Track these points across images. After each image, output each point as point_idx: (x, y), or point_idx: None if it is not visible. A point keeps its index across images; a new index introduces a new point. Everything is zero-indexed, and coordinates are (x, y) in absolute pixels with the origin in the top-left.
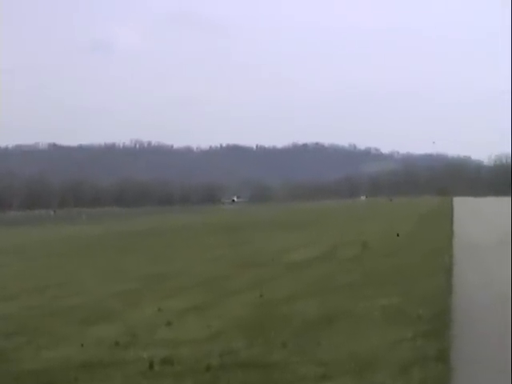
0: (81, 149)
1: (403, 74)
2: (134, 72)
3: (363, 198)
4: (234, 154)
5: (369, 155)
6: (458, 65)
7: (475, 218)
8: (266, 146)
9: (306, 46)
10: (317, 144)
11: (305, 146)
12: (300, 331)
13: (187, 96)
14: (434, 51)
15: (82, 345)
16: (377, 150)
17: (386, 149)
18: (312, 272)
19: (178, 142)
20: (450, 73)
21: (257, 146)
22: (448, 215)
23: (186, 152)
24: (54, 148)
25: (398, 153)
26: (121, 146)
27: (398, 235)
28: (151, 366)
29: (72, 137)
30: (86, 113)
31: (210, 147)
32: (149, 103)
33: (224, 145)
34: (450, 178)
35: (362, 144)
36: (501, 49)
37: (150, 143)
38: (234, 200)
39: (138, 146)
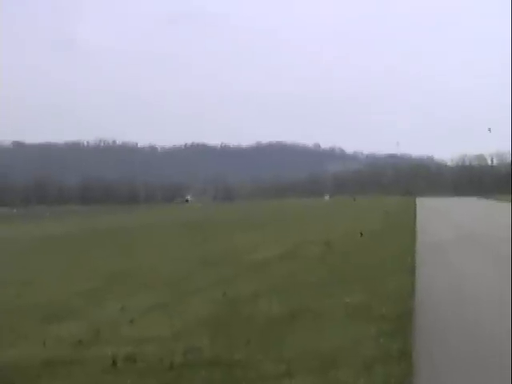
0: (45, 147)
1: (367, 75)
2: (97, 71)
3: (327, 197)
4: (199, 152)
5: (333, 155)
6: (422, 64)
7: (438, 217)
8: (231, 145)
9: (271, 46)
10: (281, 143)
11: (269, 145)
12: (263, 329)
13: (150, 94)
14: (401, 50)
15: (44, 343)
16: (341, 149)
17: (350, 149)
18: (275, 271)
19: (142, 140)
20: (414, 72)
21: (221, 145)
22: (411, 215)
23: (150, 151)
24: (18, 146)
25: (361, 153)
26: (85, 144)
27: (361, 235)
28: (114, 363)
29: (36, 135)
30: (50, 111)
31: (174, 146)
32: (112, 102)
33: (188, 144)
34: (414, 178)
35: (326, 144)
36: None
37: (114, 142)
38: (187, 200)
39: (102, 144)
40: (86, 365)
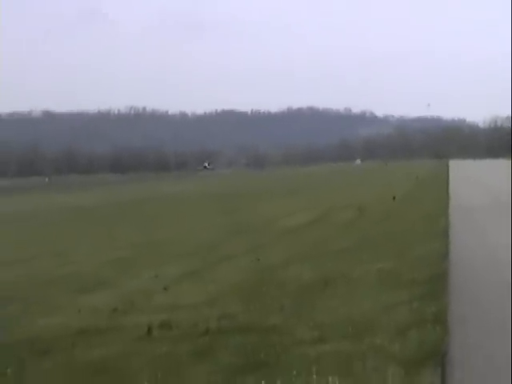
0: (75, 116)
1: (397, 37)
2: (128, 39)
3: (358, 161)
4: (229, 119)
5: (364, 119)
6: (455, 26)
7: (471, 180)
8: (261, 110)
9: (299, 9)
10: (311, 108)
11: (299, 110)
12: (297, 295)
13: (182, 62)
14: (430, 12)
15: (80, 311)
16: (372, 113)
17: (380, 112)
18: (308, 237)
19: (172, 107)
20: (446, 35)
21: (251, 111)
22: (444, 178)
23: (181, 117)
24: (48, 115)
25: (392, 116)
26: (116, 112)
27: (394, 199)
28: (149, 330)
29: (66, 104)
30: (80, 79)
31: (205, 112)
32: (144, 69)
33: (219, 110)
34: (446, 141)
35: (357, 108)
36: (499, 13)
37: (144, 109)
38: (205, 166)
39: (133, 112)
40: (121, 333)
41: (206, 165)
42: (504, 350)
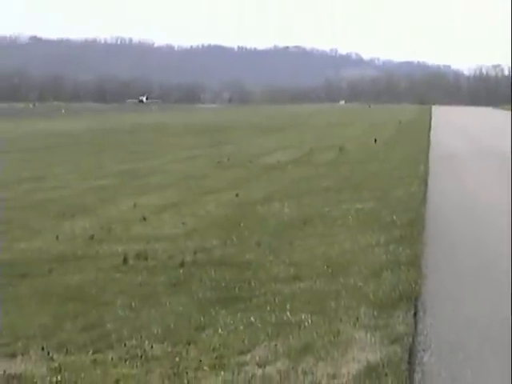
0: (62, 43)
1: None
2: None
3: (342, 102)
4: (215, 53)
5: (349, 61)
6: None
7: (453, 126)
8: (248, 47)
9: None
10: (298, 47)
11: (286, 48)
12: (275, 232)
13: None
14: None
15: (57, 238)
16: (358, 55)
17: (366, 55)
18: (289, 175)
19: (159, 39)
20: None
21: (238, 47)
22: (426, 123)
23: (167, 50)
24: (35, 41)
25: (378, 59)
26: (102, 42)
27: (375, 141)
28: (125, 260)
29: (54, 31)
30: (68, 7)
31: (191, 46)
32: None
33: (205, 44)
34: (430, 87)
35: (344, 49)
36: None
37: (131, 40)
38: (141, 100)
39: (119, 42)
40: (97, 260)
41: (143, 98)
42: (474, 297)
